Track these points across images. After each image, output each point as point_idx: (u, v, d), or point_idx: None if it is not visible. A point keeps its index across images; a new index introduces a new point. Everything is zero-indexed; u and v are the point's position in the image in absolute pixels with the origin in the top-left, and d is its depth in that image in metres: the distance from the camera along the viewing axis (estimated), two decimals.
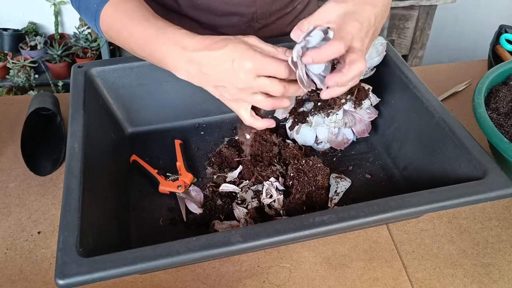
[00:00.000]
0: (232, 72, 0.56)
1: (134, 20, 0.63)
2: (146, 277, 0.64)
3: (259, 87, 0.57)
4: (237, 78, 0.56)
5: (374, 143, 0.80)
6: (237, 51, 0.56)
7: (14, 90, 2.18)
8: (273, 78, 0.57)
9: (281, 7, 0.89)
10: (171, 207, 0.70)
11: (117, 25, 0.65)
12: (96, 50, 2.26)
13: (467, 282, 0.64)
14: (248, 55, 0.56)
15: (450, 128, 0.64)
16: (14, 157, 0.81)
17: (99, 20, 0.67)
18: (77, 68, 0.75)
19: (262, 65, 0.56)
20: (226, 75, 0.57)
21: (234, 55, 0.56)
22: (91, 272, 0.48)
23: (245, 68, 0.55)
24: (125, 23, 0.64)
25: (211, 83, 0.60)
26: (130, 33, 0.64)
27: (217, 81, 0.59)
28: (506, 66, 0.78)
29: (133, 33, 0.63)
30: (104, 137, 0.73)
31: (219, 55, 0.57)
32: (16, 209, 0.73)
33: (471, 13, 2.29)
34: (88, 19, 0.70)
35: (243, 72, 0.56)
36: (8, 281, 0.64)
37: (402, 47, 2.02)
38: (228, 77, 0.57)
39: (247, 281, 0.64)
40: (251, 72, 0.56)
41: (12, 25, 2.27)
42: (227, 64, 0.56)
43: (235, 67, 0.56)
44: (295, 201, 0.67)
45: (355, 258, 0.67)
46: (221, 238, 0.51)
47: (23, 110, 0.89)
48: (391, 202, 0.54)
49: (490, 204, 0.75)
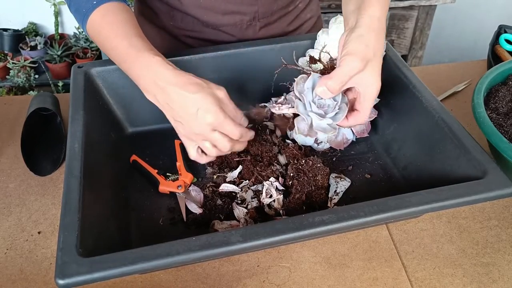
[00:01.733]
0: (193, 118, 0.60)
1: (118, 36, 0.65)
2: (146, 277, 0.64)
3: (211, 139, 0.62)
4: (196, 124, 0.61)
5: (373, 143, 0.80)
6: (205, 103, 0.60)
7: (14, 90, 2.18)
8: (225, 136, 0.62)
9: (283, 6, 0.89)
10: (171, 207, 0.70)
11: (102, 36, 0.67)
12: (96, 50, 2.26)
13: (466, 282, 0.64)
14: (212, 110, 0.60)
15: (449, 128, 0.64)
16: (14, 157, 0.81)
17: (87, 24, 0.68)
18: (77, 68, 0.75)
19: (221, 123, 0.61)
20: (188, 117, 0.61)
21: (201, 105, 0.60)
22: (91, 272, 0.48)
23: (206, 121, 0.60)
24: (109, 36, 0.66)
25: (172, 115, 0.63)
26: (112, 47, 0.66)
27: (177, 117, 0.62)
28: (505, 66, 0.78)
29: (115, 47, 0.66)
30: (104, 137, 0.73)
31: (188, 98, 0.60)
32: (16, 209, 0.73)
33: (470, 13, 2.29)
34: (77, 19, 0.70)
35: (203, 122, 0.60)
36: (8, 281, 0.64)
37: (401, 47, 2.03)
38: (189, 120, 0.61)
39: (247, 281, 0.64)
40: (209, 125, 0.61)
41: (12, 25, 2.28)
42: (191, 109, 0.60)
43: (198, 115, 0.60)
44: (295, 201, 0.67)
45: (355, 257, 0.67)
46: (221, 238, 0.51)
47: (23, 110, 0.89)
48: (391, 202, 0.54)
49: (489, 204, 0.75)
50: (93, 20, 0.67)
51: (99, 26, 0.67)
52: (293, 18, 0.93)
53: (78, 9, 0.68)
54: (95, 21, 0.67)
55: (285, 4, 0.89)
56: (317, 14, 1.00)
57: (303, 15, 0.94)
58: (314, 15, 0.98)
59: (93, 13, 0.67)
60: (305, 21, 0.96)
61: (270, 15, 0.88)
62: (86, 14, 0.67)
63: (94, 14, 0.67)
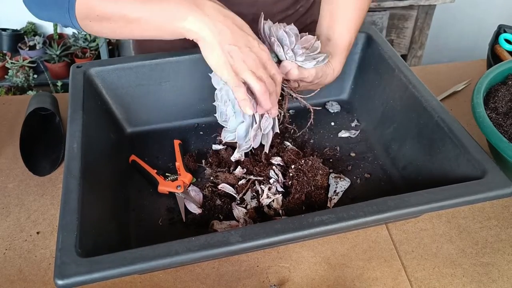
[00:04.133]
0: (256, 43, 0.60)
1: None
2: (145, 277, 0.64)
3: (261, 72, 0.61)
4: (253, 45, 0.60)
5: (373, 143, 0.80)
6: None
7: (13, 90, 2.18)
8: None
9: (283, 9, 0.88)
10: (170, 207, 0.70)
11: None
12: (95, 50, 2.26)
13: (466, 282, 0.64)
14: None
15: (449, 127, 0.64)
16: (13, 157, 0.81)
17: (75, 5, 0.61)
18: (76, 68, 0.75)
19: (272, 62, 0.62)
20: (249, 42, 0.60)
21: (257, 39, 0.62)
22: (90, 272, 0.48)
23: (264, 51, 0.61)
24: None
25: (232, 38, 0.59)
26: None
27: (238, 41, 0.59)
28: (505, 65, 0.78)
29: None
30: (103, 137, 0.73)
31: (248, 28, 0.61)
32: (15, 209, 0.73)
33: (470, 13, 2.29)
34: (58, 16, 0.63)
35: (263, 49, 0.61)
36: (7, 281, 0.64)
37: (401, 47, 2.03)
38: (246, 37, 0.60)
39: (247, 281, 0.64)
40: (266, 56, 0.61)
41: (11, 25, 2.27)
42: (253, 36, 0.61)
43: (258, 43, 0.61)
44: (294, 201, 0.67)
45: (354, 258, 0.67)
46: (220, 238, 0.51)
47: (22, 110, 0.89)
48: (390, 202, 0.54)
49: (489, 204, 0.75)
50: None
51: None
52: (294, 21, 0.92)
53: (57, 1, 0.61)
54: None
55: (285, 7, 0.88)
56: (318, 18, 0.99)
57: (303, 20, 0.94)
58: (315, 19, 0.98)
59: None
60: (305, 26, 0.95)
61: (270, 18, 0.87)
62: None
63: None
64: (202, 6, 0.58)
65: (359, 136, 0.82)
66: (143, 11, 0.59)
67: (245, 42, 0.59)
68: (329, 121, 0.85)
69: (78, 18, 0.62)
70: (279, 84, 0.64)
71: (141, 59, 0.76)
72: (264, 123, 0.68)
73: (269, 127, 0.70)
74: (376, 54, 0.80)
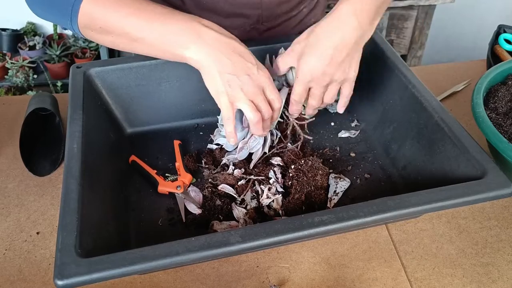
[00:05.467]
0: (254, 70, 0.60)
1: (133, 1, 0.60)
2: (145, 278, 0.64)
3: (260, 98, 0.62)
4: (253, 71, 0.60)
5: (373, 143, 0.80)
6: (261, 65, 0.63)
7: (13, 90, 2.18)
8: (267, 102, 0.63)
9: (287, 10, 0.88)
10: (170, 208, 0.70)
11: (109, 9, 0.60)
12: (95, 50, 2.26)
13: (466, 282, 0.64)
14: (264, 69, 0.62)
15: (449, 128, 0.64)
16: (13, 158, 0.81)
17: (78, 14, 0.60)
18: (75, 68, 0.75)
19: (271, 85, 0.62)
20: (249, 70, 0.60)
21: (258, 64, 0.62)
22: (90, 272, 0.48)
23: (264, 75, 0.61)
24: (120, 5, 0.60)
25: (232, 68, 0.59)
26: (130, 12, 0.59)
27: (238, 70, 0.60)
28: (504, 66, 0.78)
29: (139, 8, 0.59)
30: (103, 137, 0.73)
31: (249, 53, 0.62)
32: (15, 209, 0.73)
33: (470, 13, 2.29)
34: (60, 19, 0.63)
35: (264, 75, 0.61)
36: (7, 282, 0.64)
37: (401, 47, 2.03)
38: (245, 65, 0.60)
39: (246, 282, 0.64)
40: (267, 81, 0.62)
41: (11, 25, 2.27)
42: (253, 61, 0.61)
43: (258, 67, 0.61)
44: (294, 201, 0.67)
45: (354, 258, 0.67)
46: (220, 238, 0.51)
47: (22, 110, 0.89)
48: (390, 202, 0.54)
49: (489, 204, 0.75)
50: (86, 4, 0.60)
51: (99, 3, 0.60)
52: (297, 22, 0.92)
53: (60, 6, 0.61)
54: (89, 3, 0.60)
55: (289, 8, 0.88)
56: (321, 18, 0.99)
57: (307, 20, 0.94)
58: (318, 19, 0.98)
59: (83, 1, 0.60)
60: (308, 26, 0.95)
61: (274, 19, 0.87)
62: (74, 4, 0.60)
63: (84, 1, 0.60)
64: (204, 35, 0.59)
65: (359, 136, 0.82)
66: (146, 32, 0.60)
67: (244, 70, 0.60)
68: (329, 121, 0.85)
69: (80, 26, 0.62)
70: (277, 109, 0.65)
71: (141, 59, 0.76)
72: (252, 143, 0.71)
73: (258, 146, 0.72)
74: (376, 54, 0.80)
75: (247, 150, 0.72)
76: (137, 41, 0.61)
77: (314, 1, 0.94)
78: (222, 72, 0.59)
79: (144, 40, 0.60)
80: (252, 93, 0.61)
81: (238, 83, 0.60)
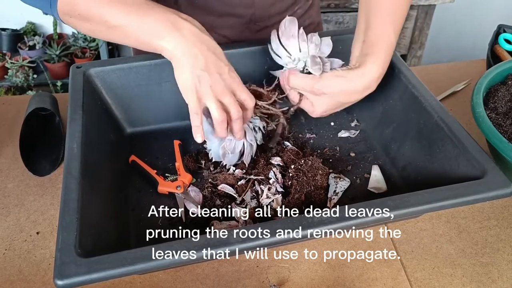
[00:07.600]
0: (226, 70, 0.61)
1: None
2: (145, 278, 0.64)
3: (229, 99, 0.62)
4: (225, 77, 0.61)
5: (373, 143, 0.80)
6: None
7: (13, 90, 2.18)
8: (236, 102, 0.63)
9: (280, 11, 0.88)
10: (170, 208, 0.70)
11: None
12: (94, 50, 2.25)
13: (466, 282, 0.64)
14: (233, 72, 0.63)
15: (449, 127, 0.64)
16: (13, 157, 0.81)
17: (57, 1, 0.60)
18: (75, 68, 0.75)
19: (242, 87, 0.63)
20: (220, 69, 0.61)
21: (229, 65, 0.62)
22: (90, 272, 0.48)
23: (235, 77, 0.62)
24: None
25: (204, 63, 0.59)
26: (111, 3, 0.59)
27: (210, 66, 0.60)
28: (504, 65, 0.78)
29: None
30: (103, 137, 0.73)
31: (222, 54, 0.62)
32: (15, 209, 0.73)
33: (469, 12, 2.29)
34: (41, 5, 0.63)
35: (234, 76, 0.62)
36: (7, 282, 0.64)
37: (401, 47, 2.03)
38: (218, 64, 0.60)
39: (246, 281, 0.64)
40: (236, 83, 0.62)
41: (11, 25, 2.27)
42: (225, 61, 0.62)
43: (230, 69, 0.62)
44: (294, 201, 0.67)
45: (354, 258, 0.66)
46: (220, 238, 0.51)
47: (22, 110, 0.89)
48: (390, 202, 0.54)
49: (489, 204, 0.75)
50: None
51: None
52: None
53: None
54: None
55: (282, 9, 0.88)
56: (316, 20, 0.99)
57: (301, 22, 0.93)
58: (314, 21, 0.97)
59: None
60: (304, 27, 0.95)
61: (267, 19, 0.87)
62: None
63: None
64: (180, 28, 0.59)
65: (359, 136, 0.82)
66: (124, 21, 0.60)
67: (216, 69, 0.60)
68: (329, 121, 0.85)
69: (59, 12, 0.62)
70: (250, 109, 0.66)
71: (141, 59, 0.76)
72: (228, 146, 0.69)
73: (237, 149, 0.70)
74: None
75: (231, 154, 0.71)
76: (115, 29, 0.60)
77: (308, 3, 0.94)
78: (195, 67, 0.59)
79: (122, 28, 0.60)
80: (221, 92, 0.61)
81: (208, 81, 0.60)
